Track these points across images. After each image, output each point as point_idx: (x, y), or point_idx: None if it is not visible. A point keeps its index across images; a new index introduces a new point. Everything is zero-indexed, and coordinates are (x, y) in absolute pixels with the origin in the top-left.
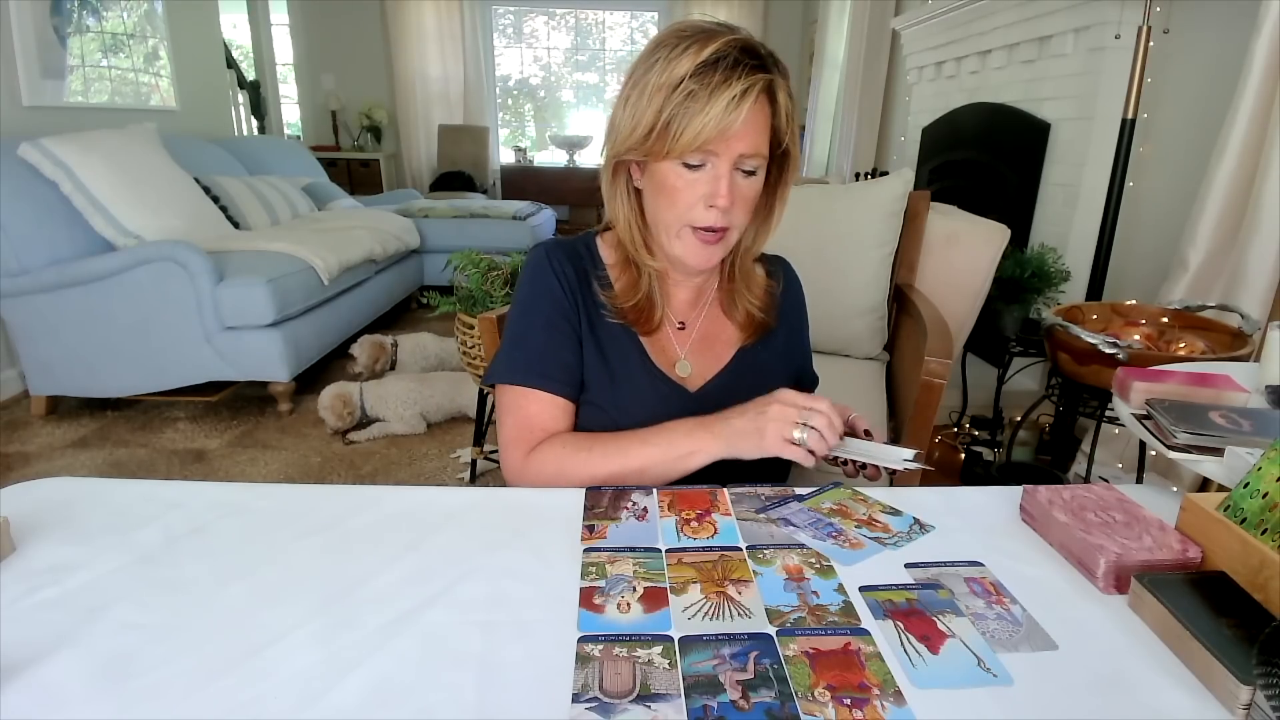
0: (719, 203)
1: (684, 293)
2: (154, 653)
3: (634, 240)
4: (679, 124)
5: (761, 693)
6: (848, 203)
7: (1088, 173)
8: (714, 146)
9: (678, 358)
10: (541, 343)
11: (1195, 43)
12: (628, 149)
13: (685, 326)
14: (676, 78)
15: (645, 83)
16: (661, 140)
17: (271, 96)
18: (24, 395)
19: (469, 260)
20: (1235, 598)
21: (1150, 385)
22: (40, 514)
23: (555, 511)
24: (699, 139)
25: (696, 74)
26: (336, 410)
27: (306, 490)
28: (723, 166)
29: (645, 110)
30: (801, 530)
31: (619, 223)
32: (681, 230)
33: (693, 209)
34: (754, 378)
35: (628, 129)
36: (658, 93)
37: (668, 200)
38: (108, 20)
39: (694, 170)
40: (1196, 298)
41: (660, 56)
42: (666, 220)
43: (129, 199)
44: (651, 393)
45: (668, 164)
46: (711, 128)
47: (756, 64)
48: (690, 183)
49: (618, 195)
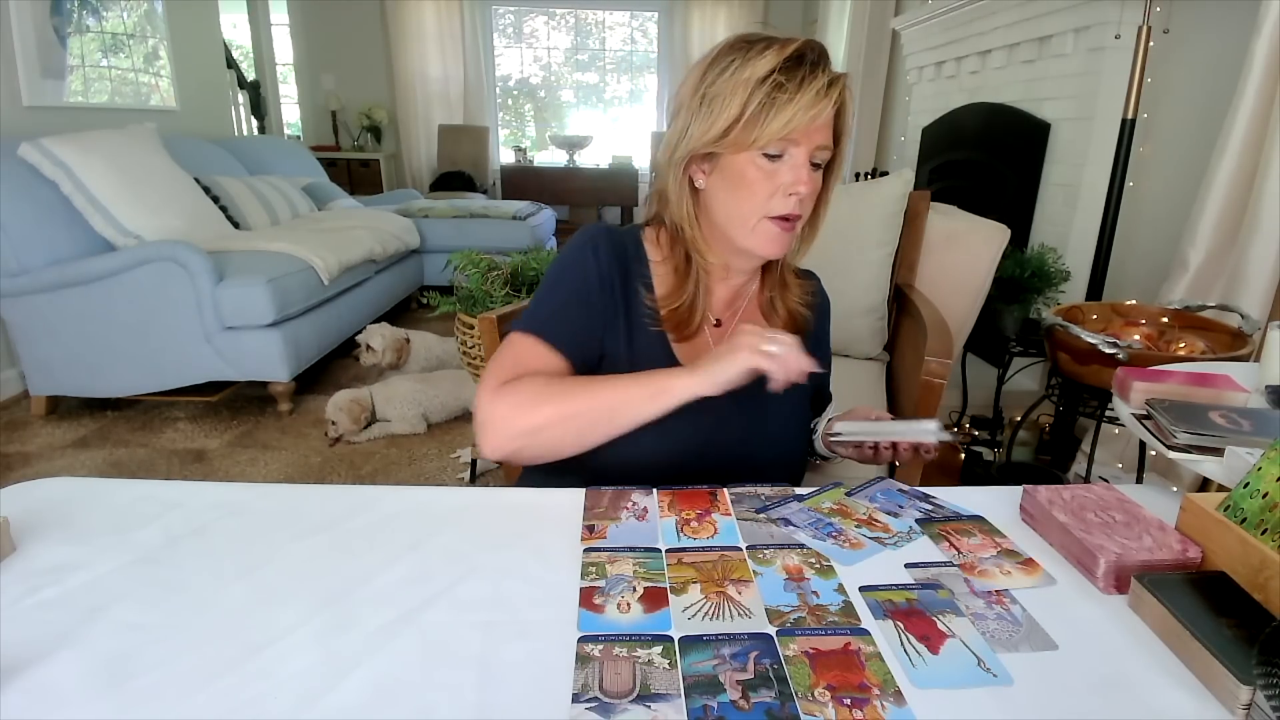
0: (800, 189)
1: (724, 291)
2: (154, 653)
3: (694, 236)
4: (767, 114)
5: (761, 693)
6: (848, 203)
7: (1088, 173)
8: (798, 136)
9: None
10: (556, 305)
11: (1195, 43)
12: (706, 143)
13: (721, 324)
14: (763, 72)
15: (723, 84)
16: (747, 130)
17: (271, 96)
18: (24, 395)
19: (469, 260)
20: (1235, 598)
21: (1150, 385)
22: (40, 514)
23: (555, 511)
24: (789, 126)
25: (784, 68)
26: (354, 414)
27: (306, 490)
28: (801, 156)
29: (727, 105)
30: (801, 530)
31: (681, 219)
32: (759, 222)
33: (773, 198)
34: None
35: (703, 127)
36: (740, 88)
37: (747, 192)
38: (108, 20)
39: (773, 161)
40: (1196, 298)
41: (735, 59)
42: (744, 212)
43: (129, 199)
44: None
45: (746, 156)
46: (802, 116)
47: (828, 64)
48: (769, 173)
49: (683, 194)
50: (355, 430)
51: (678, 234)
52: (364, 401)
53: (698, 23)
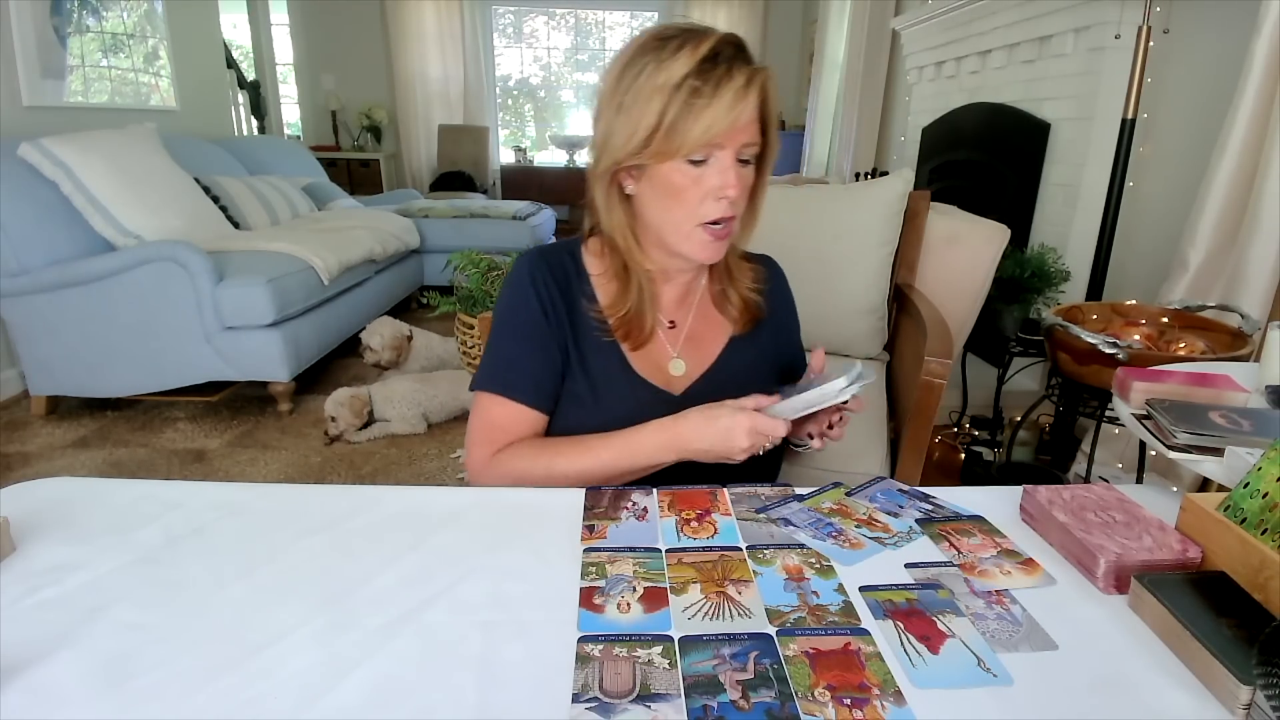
0: (729, 193)
1: (673, 291)
2: (154, 653)
3: (629, 247)
4: (686, 121)
5: (761, 693)
6: (848, 203)
7: (1088, 173)
8: (721, 139)
9: (670, 356)
10: (512, 354)
11: (1195, 43)
12: (628, 154)
13: (675, 325)
14: (677, 77)
15: (639, 87)
16: (668, 140)
17: (271, 96)
18: (24, 395)
19: (469, 260)
20: (1235, 598)
21: (1150, 385)
22: (40, 514)
23: (555, 511)
24: (710, 132)
25: (698, 71)
26: (355, 408)
27: (306, 490)
28: (727, 158)
29: (644, 113)
30: (801, 530)
31: (614, 231)
32: (692, 229)
33: (703, 204)
34: (743, 373)
35: (624, 136)
36: (656, 94)
37: (676, 200)
38: (108, 20)
39: (698, 166)
40: (1196, 298)
41: (648, 60)
42: (676, 220)
43: (129, 199)
44: (634, 401)
45: (671, 164)
46: (723, 120)
47: (747, 58)
48: (696, 179)
49: (611, 204)
50: (357, 424)
51: (614, 244)
52: (363, 397)
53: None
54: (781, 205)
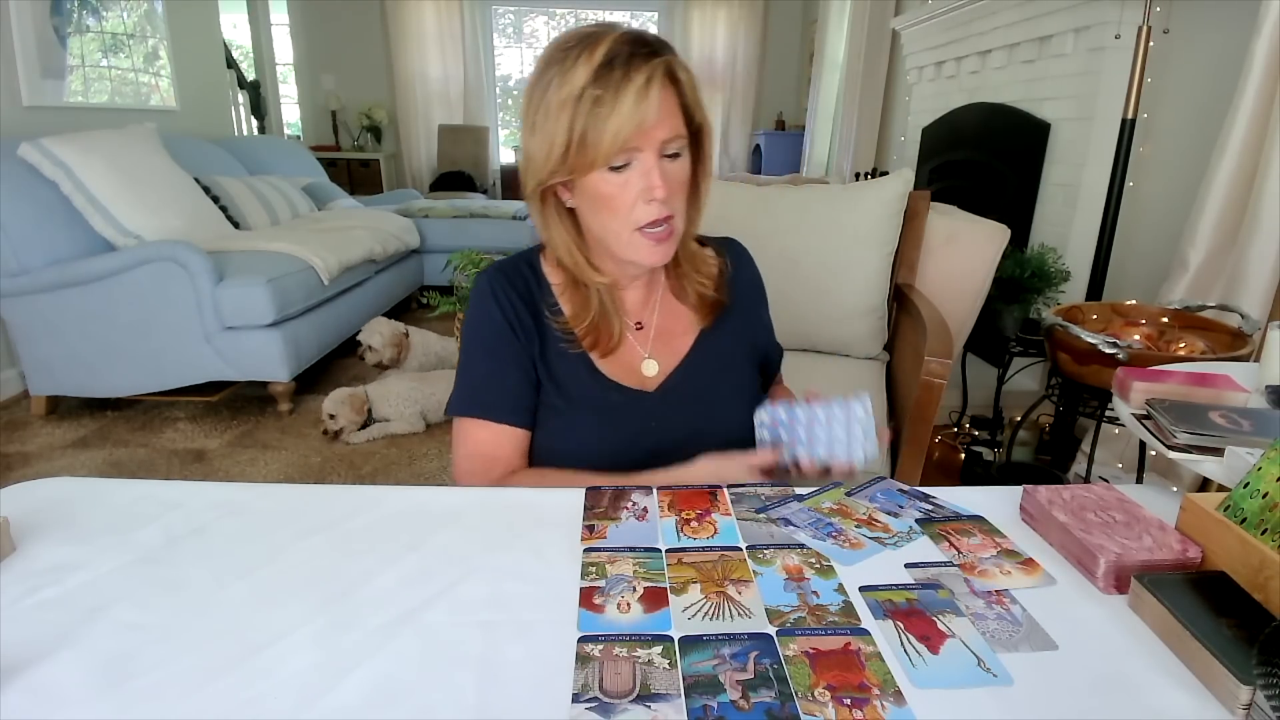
0: (657, 194)
1: (635, 292)
2: (154, 653)
3: (576, 263)
4: (594, 132)
5: (761, 693)
6: (848, 203)
7: (1088, 173)
8: (635, 142)
9: (642, 358)
10: (484, 372)
11: (1195, 43)
12: (550, 173)
13: (643, 326)
14: (577, 88)
15: (547, 103)
16: (582, 153)
17: (271, 96)
18: (24, 395)
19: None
20: (1235, 598)
21: (1150, 385)
22: (40, 514)
23: (555, 511)
24: (619, 139)
25: (596, 79)
26: (355, 405)
27: (306, 490)
28: (649, 158)
29: (556, 129)
30: (801, 530)
31: (559, 250)
32: (630, 235)
33: (634, 209)
34: (716, 363)
35: (543, 154)
36: (562, 109)
37: (608, 210)
38: (108, 20)
39: (622, 172)
40: (1196, 298)
41: (554, 74)
42: (614, 229)
43: (129, 199)
44: (606, 404)
45: (595, 175)
46: (628, 125)
47: (648, 51)
48: (622, 185)
49: (550, 223)
50: (358, 421)
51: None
52: (362, 395)
53: (698, 23)
54: (781, 205)
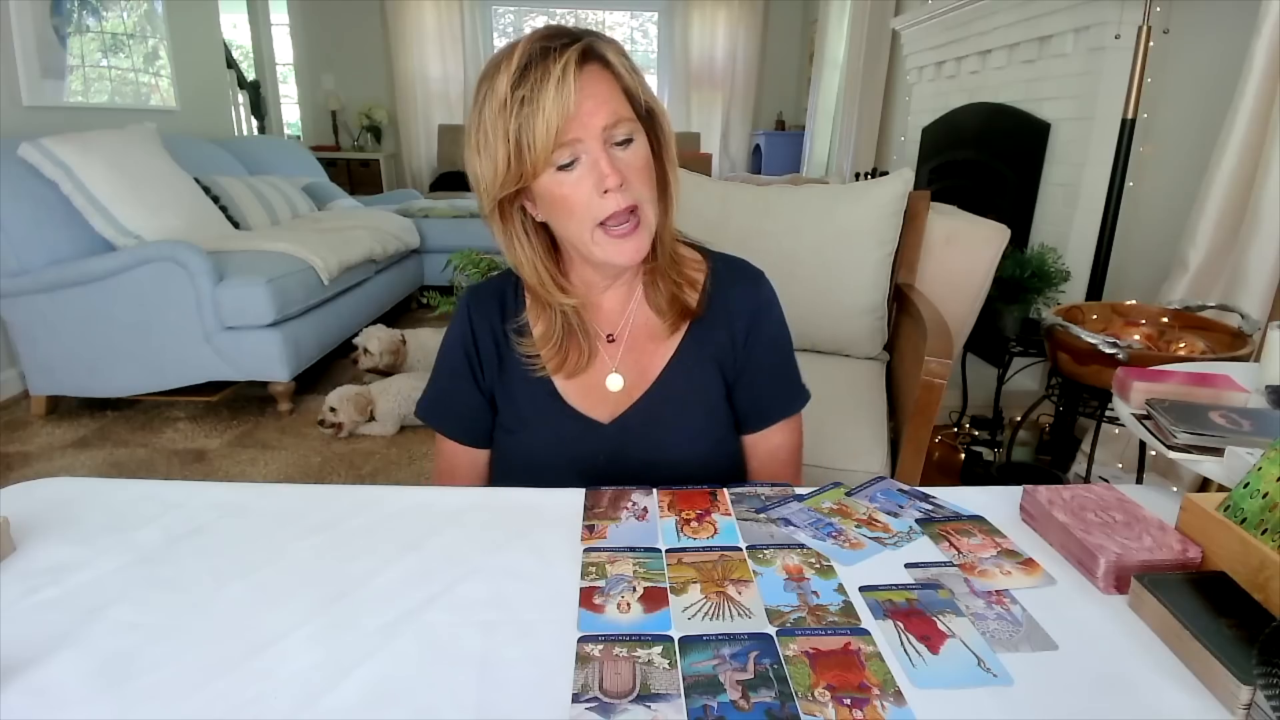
0: (609, 183)
1: (611, 301)
2: (154, 653)
3: (543, 282)
4: (527, 133)
5: (761, 693)
6: (848, 203)
7: (1088, 173)
8: (572, 133)
9: (609, 371)
10: (445, 390)
11: (1195, 43)
12: (500, 187)
13: (615, 338)
14: (502, 97)
15: (482, 121)
16: (522, 158)
17: (271, 96)
18: (24, 395)
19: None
20: (1235, 598)
21: (1150, 385)
22: (40, 514)
23: (555, 511)
24: (549, 133)
25: (517, 82)
26: (360, 405)
27: (306, 490)
28: (595, 148)
29: (496, 143)
30: (801, 530)
31: (522, 268)
32: (594, 233)
33: (591, 205)
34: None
35: (489, 171)
36: (496, 121)
37: (566, 210)
38: (108, 20)
39: (572, 169)
40: (1196, 298)
41: (484, 91)
42: (577, 230)
43: (129, 199)
44: (559, 433)
45: (545, 177)
46: (555, 115)
47: (565, 42)
48: (575, 182)
49: (514, 241)
50: (360, 421)
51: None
52: (367, 395)
53: (697, 23)
54: (781, 205)
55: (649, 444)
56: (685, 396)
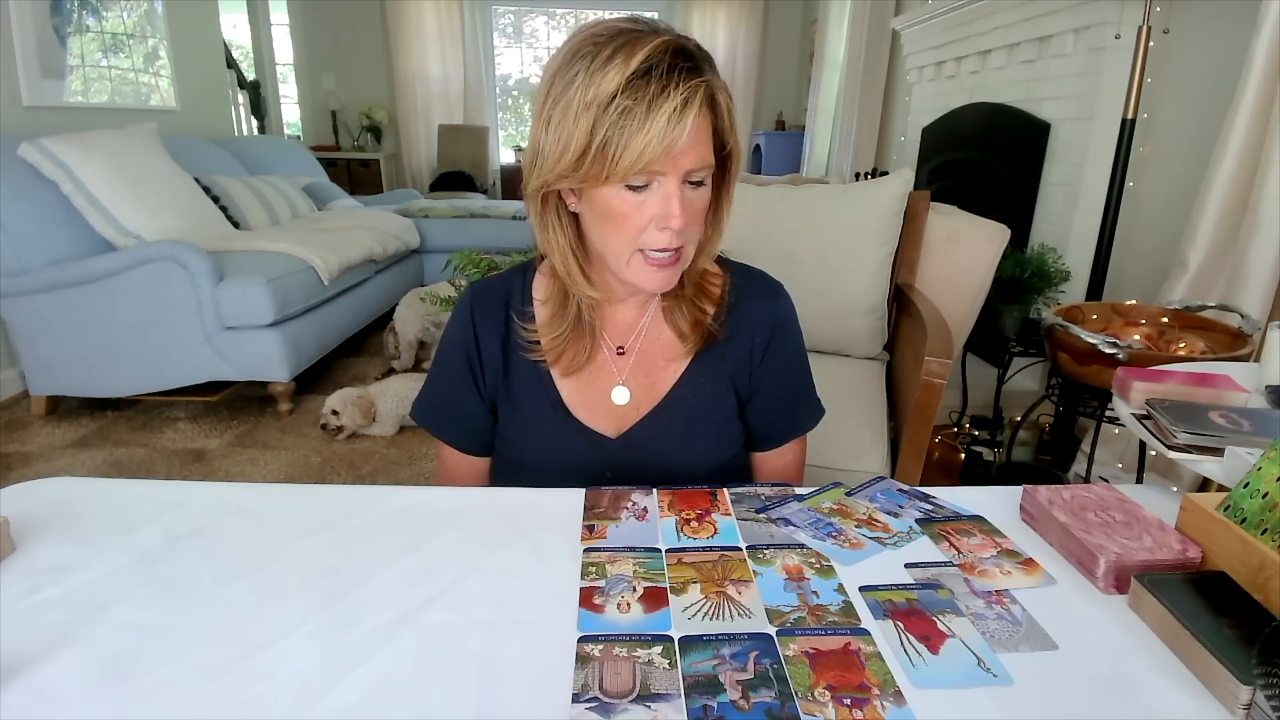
0: (673, 224)
1: (624, 315)
2: (154, 653)
3: (570, 271)
4: (617, 146)
5: (761, 693)
6: (848, 203)
7: (1088, 173)
8: (660, 166)
9: (616, 383)
10: (444, 395)
11: (1195, 43)
12: (558, 176)
13: (625, 352)
14: (606, 94)
15: (568, 101)
16: (599, 164)
17: (271, 96)
18: (24, 395)
19: (469, 260)
20: (1235, 598)
21: (1150, 385)
22: (40, 514)
23: (555, 511)
24: (642, 160)
25: (629, 88)
26: (363, 408)
27: (306, 490)
28: (671, 185)
29: (574, 132)
30: (801, 530)
31: (554, 255)
32: (632, 257)
33: (643, 233)
34: (689, 412)
35: (555, 154)
36: (586, 112)
37: (614, 227)
38: (108, 20)
39: (639, 192)
40: (1196, 298)
41: (580, 69)
42: (618, 246)
43: (129, 199)
44: (564, 447)
45: (609, 189)
46: (655, 147)
47: (690, 66)
48: (636, 206)
49: (549, 226)
50: (364, 424)
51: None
52: (369, 398)
53: (697, 23)
54: (781, 205)
55: (656, 460)
56: (695, 413)
